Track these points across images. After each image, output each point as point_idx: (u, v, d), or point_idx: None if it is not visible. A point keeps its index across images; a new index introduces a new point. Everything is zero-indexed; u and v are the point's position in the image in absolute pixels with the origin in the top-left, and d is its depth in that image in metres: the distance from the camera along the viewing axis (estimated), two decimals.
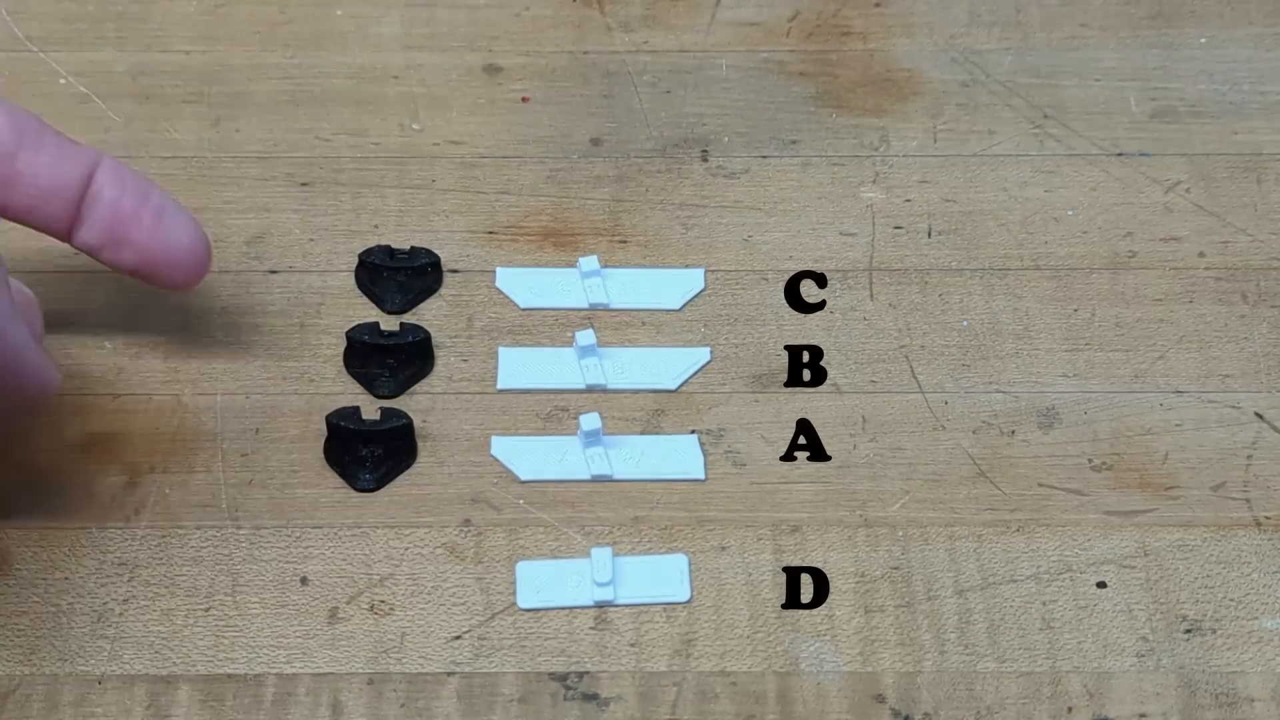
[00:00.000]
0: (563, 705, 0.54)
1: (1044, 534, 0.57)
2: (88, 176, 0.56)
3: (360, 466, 0.58)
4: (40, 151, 0.55)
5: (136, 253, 0.57)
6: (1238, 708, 0.54)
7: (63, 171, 0.55)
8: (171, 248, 0.57)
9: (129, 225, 0.56)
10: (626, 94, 0.69)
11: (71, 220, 0.56)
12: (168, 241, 0.57)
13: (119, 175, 0.56)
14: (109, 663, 0.54)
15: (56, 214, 0.56)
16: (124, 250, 0.57)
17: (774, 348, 0.62)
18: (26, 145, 0.55)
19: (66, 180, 0.55)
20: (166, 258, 0.57)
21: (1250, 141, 0.67)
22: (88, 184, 0.56)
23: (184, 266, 0.58)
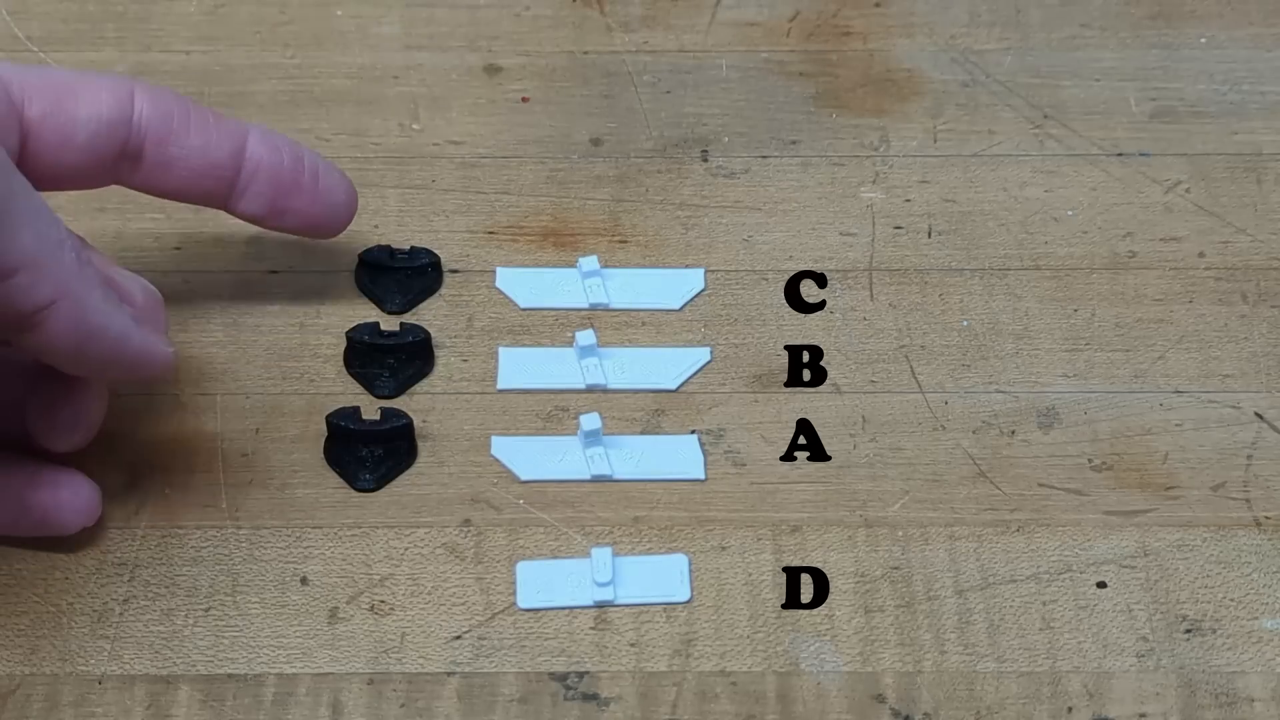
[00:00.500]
0: (563, 705, 0.54)
1: (1044, 534, 0.57)
2: (239, 152, 0.57)
3: (360, 466, 0.58)
4: (189, 133, 0.56)
5: (298, 218, 0.59)
6: (1238, 708, 0.54)
7: (214, 151, 0.57)
8: (332, 207, 0.59)
9: (289, 194, 0.58)
10: (626, 94, 0.69)
11: (229, 194, 0.58)
12: (327, 203, 0.59)
13: (271, 145, 0.58)
14: (109, 663, 0.54)
15: (214, 190, 0.58)
16: (286, 217, 0.59)
17: (774, 348, 0.62)
18: (176, 129, 0.56)
19: (219, 159, 0.57)
20: (328, 217, 0.60)
21: (1250, 141, 0.67)
22: (240, 159, 0.57)
23: (341, 221, 0.60)
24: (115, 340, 0.52)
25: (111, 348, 0.52)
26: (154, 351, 0.53)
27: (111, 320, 0.52)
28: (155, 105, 0.56)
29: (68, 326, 0.50)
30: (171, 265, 0.63)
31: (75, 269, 0.51)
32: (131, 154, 0.56)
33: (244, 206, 0.58)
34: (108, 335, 0.52)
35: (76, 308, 0.50)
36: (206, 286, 0.63)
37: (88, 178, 0.56)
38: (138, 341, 0.53)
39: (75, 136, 0.55)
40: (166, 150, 0.56)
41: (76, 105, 0.55)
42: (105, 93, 0.55)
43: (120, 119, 0.55)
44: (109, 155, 0.55)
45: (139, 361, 0.53)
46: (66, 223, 0.64)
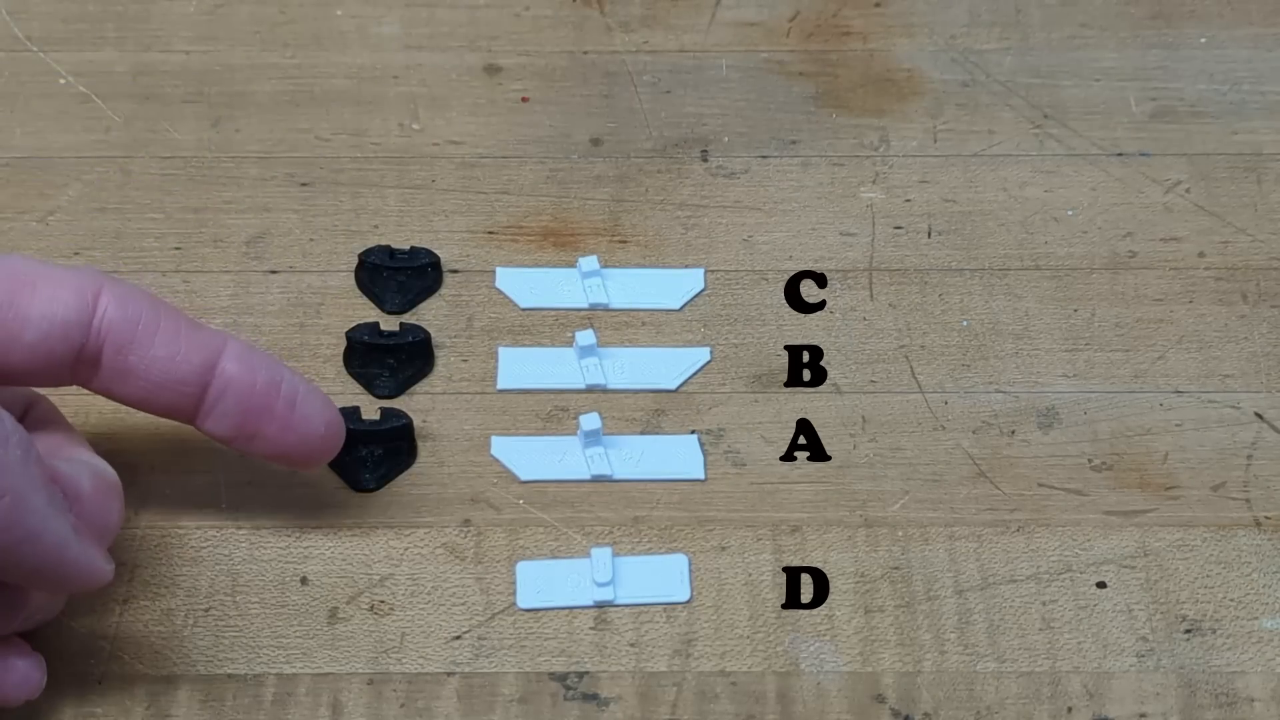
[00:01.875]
0: (563, 705, 0.54)
1: (1044, 534, 0.57)
2: (209, 367, 0.53)
3: (360, 466, 0.58)
4: (153, 343, 0.52)
5: (269, 444, 0.54)
6: (1238, 708, 0.54)
7: (180, 364, 0.53)
8: (306, 438, 0.55)
9: (260, 418, 0.54)
10: (626, 94, 0.69)
11: (194, 411, 0.54)
12: (302, 432, 0.54)
13: (247, 365, 0.53)
14: (109, 663, 0.54)
15: (176, 405, 0.54)
16: (255, 442, 0.54)
17: (774, 348, 0.62)
18: (140, 336, 0.52)
19: (184, 373, 0.53)
20: (301, 448, 0.55)
21: (1250, 141, 0.67)
22: (209, 375, 0.53)
23: (319, 454, 0.55)
24: (50, 548, 0.49)
25: (44, 555, 0.49)
26: (90, 567, 0.50)
27: (50, 525, 0.49)
28: (121, 309, 0.52)
29: (4, 526, 0.47)
30: (171, 265, 0.63)
31: (19, 468, 0.48)
32: (88, 359, 0.52)
33: (209, 426, 0.54)
34: (43, 541, 0.48)
35: (16, 510, 0.47)
36: (206, 286, 0.63)
37: (36, 378, 0.52)
38: (74, 553, 0.49)
39: (23, 336, 0.51)
40: (126, 359, 0.52)
41: (31, 302, 0.51)
42: (67, 290, 0.51)
43: (78, 321, 0.51)
44: (62, 357, 0.52)
45: (72, 574, 0.50)
46: (66, 222, 0.64)
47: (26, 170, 0.66)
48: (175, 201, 0.65)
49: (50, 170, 0.66)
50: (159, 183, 0.65)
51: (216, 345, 0.53)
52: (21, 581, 0.50)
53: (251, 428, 0.54)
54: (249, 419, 0.54)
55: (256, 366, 0.54)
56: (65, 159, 0.66)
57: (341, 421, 0.56)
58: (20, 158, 0.66)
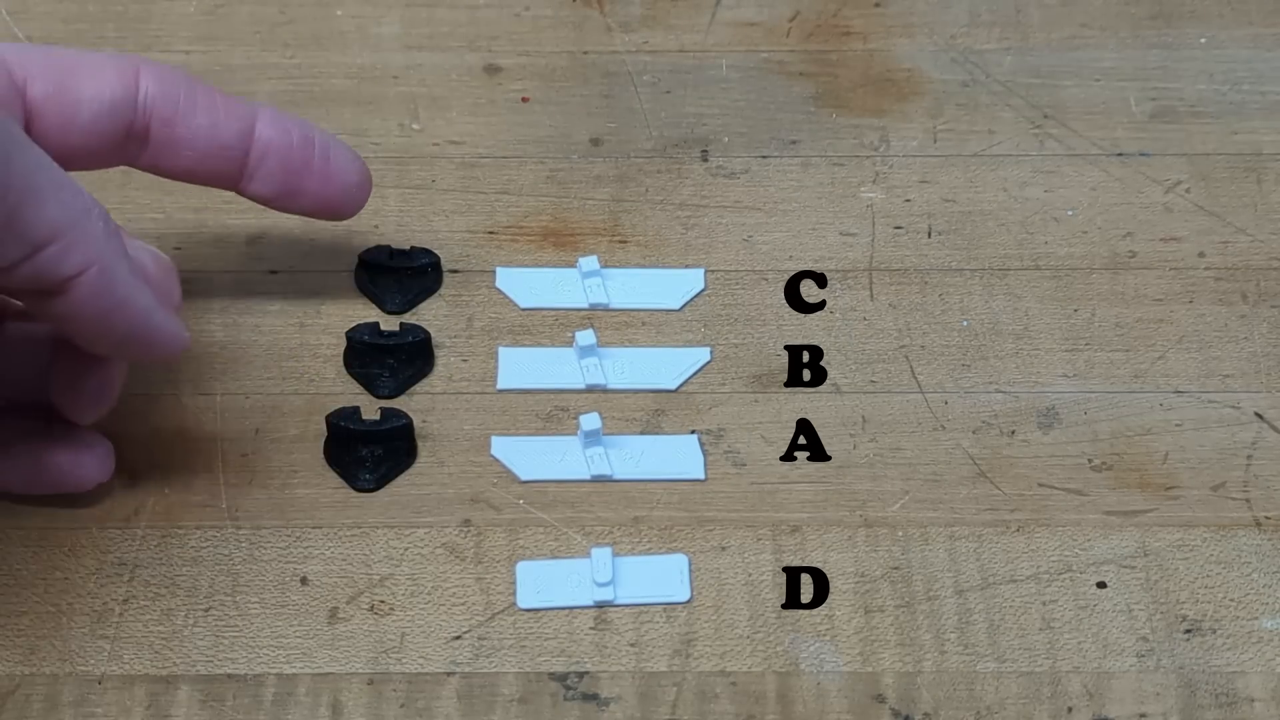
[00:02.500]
0: (563, 705, 0.54)
1: (1044, 534, 0.57)
2: (248, 133, 0.57)
3: (360, 466, 0.58)
4: (195, 114, 0.56)
5: (310, 199, 0.58)
6: (1238, 708, 0.54)
7: (222, 131, 0.56)
8: (345, 188, 0.58)
9: (300, 175, 0.58)
10: (626, 94, 0.69)
11: (238, 175, 0.57)
12: (339, 184, 0.58)
13: (281, 126, 0.57)
14: (109, 663, 0.54)
15: (221, 171, 0.57)
16: (298, 198, 0.58)
17: (774, 348, 0.62)
18: (183, 109, 0.56)
19: (227, 139, 0.56)
20: (341, 198, 0.59)
21: (1250, 141, 0.67)
22: (249, 140, 0.57)
23: (355, 201, 0.59)
24: (139, 314, 0.52)
25: (134, 321, 0.52)
26: (173, 331, 0.53)
27: (137, 293, 0.52)
28: (161, 85, 0.55)
29: (95, 296, 0.50)
30: None
31: (104, 238, 0.50)
32: (138, 134, 0.55)
33: (255, 188, 0.58)
34: (132, 308, 0.52)
35: (105, 277, 0.50)
36: (206, 286, 0.63)
37: (94, 158, 0.55)
38: (159, 319, 0.53)
39: (79, 117, 0.54)
40: (173, 131, 0.56)
41: (80, 85, 0.54)
42: (110, 72, 0.55)
43: (125, 99, 0.55)
44: (114, 136, 0.55)
45: (157, 339, 0.53)
46: None
47: None
48: (175, 201, 0.65)
49: None
50: (159, 183, 0.65)
51: (251, 112, 0.57)
52: (110, 351, 0.53)
53: (294, 184, 0.58)
54: (291, 177, 0.58)
55: (290, 127, 0.57)
56: None
57: (368, 169, 0.59)
58: None
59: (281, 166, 0.57)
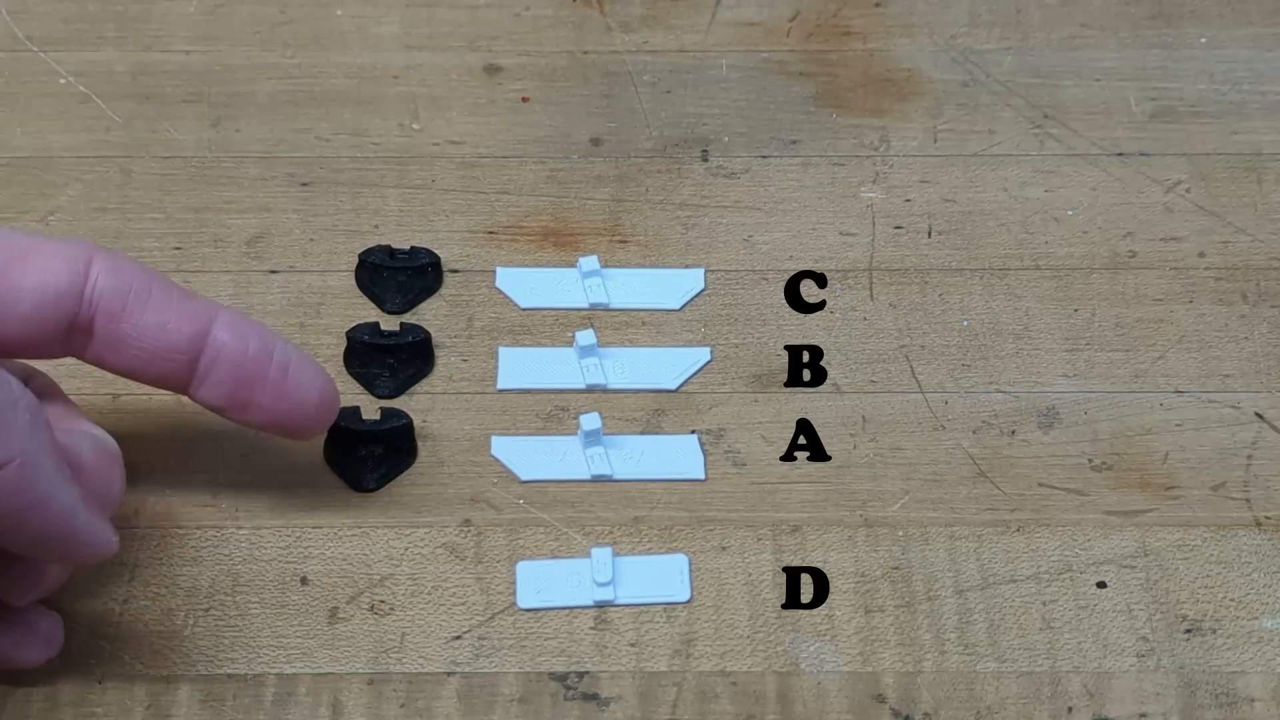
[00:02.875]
0: (563, 705, 0.54)
1: (1044, 534, 0.57)
2: (201, 336, 0.53)
3: (360, 466, 0.58)
4: (145, 311, 0.53)
5: (263, 414, 0.55)
6: (1238, 708, 0.54)
7: (172, 332, 0.53)
8: (301, 407, 0.55)
9: (254, 387, 0.54)
10: (626, 94, 0.69)
11: (187, 380, 0.54)
12: (296, 401, 0.54)
13: (239, 333, 0.54)
14: (109, 663, 0.54)
15: (169, 374, 0.54)
16: (249, 411, 0.54)
17: (774, 348, 0.62)
18: (132, 305, 0.52)
19: (176, 341, 0.53)
20: (296, 417, 0.55)
21: (1250, 141, 0.67)
22: (201, 344, 0.53)
23: (313, 423, 0.55)
24: (58, 514, 0.49)
25: (52, 522, 0.49)
26: (96, 535, 0.50)
27: (58, 492, 0.49)
28: (113, 278, 0.52)
29: (12, 492, 0.47)
30: (171, 265, 0.63)
31: (29, 432, 0.48)
32: (81, 328, 0.52)
33: (203, 394, 0.54)
34: (52, 508, 0.48)
35: (24, 473, 0.48)
36: (206, 286, 0.63)
37: (32, 348, 0.53)
38: (80, 521, 0.49)
39: (19, 306, 0.51)
40: (119, 327, 0.52)
41: (24, 273, 0.51)
42: (59, 260, 0.52)
43: (70, 291, 0.52)
44: (55, 327, 0.52)
45: (79, 544, 0.50)
46: (66, 222, 0.64)
47: (27, 170, 0.66)
48: (175, 201, 0.65)
49: (50, 170, 0.66)
50: (159, 183, 0.65)
51: (208, 314, 0.53)
52: (27, 551, 0.50)
53: (245, 396, 0.54)
54: (242, 387, 0.54)
55: (249, 334, 0.54)
56: (65, 159, 0.66)
57: (335, 390, 0.56)
58: (20, 158, 0.66)
59: (232, 375, 0.54)
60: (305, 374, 0.55)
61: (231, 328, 0.54)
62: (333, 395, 0.55)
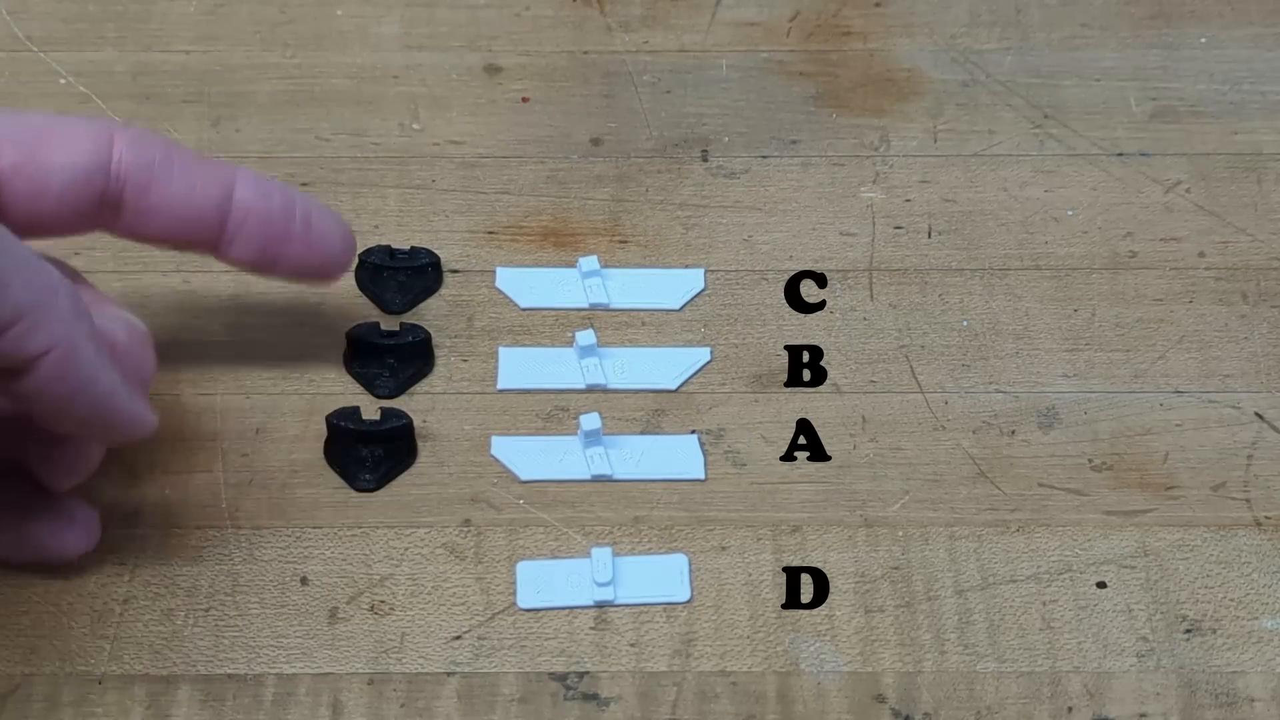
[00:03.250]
0: (563, 705, 0.54)
1: (1044, 534, 0.57)
2: (226, 198, 0.55)
3: (360, 466, 0.58)
4: (171, 180, 0.54)
5: (291, 265, 0.57)
6: (1238, 708, 0.54)
7: (199, 197, 0.54)
8: (326, 254, 0.57)
9: (280, 242, 0.56)
10: (626, 94, 0.69)
11: (217, 241, 0.55)
12: (320, 250, 0.57)
13: (261, 190, 0.55)
14: (109, 663, 0.54)
15: (201, 238, 0.55)
16: (278, 265, 0.56)
17: (774, 348, 0.62)
18: (158, 175, 0.54)
19: (204, 205, 0.55)
20: (321, 264, 0.57)
21: (1250, 141, 0.67)
22: (228, 205, 0.55)
23: (336, 268, 0.58)
24: (102, 396, 0.50)
25: (97, 404, 0.50)
26: (137, 414, 0.52)
27: (101, 375, 0.50)
28: (136, 151, 0.53)
29: (58, 378, 0.49)
30: (171, 265, 0.63)
31: (70, 318, 0.49)
32: (111, 202, 0.54)
33: (234, 254, 0.56)
34: (95, 390, 0.50)
35: (69, 359, 0.49)
36: (206, 286, 0.63)
37: (66, 226, 0.54)
38: (123, 401, 0.51)
39: (49, 185, 0.53)
40: (148, 198, 0.54)
41: (51, 153, 0.53)
42: (83, 139, 0.53)
43: (98, 166, 0.53)
44: (87, 204, 0.53)
45: (120, 422, 0.51)
46: None
47: None
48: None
49: None
50: None
51: (230, 175, 0.55)
52: (72, 431, 0.52)
53: (275, 251, 0.56)
54: (271, 243, 0.56)
55: (271, 191, 0.56)
56: None
57: (353, 234, 0.58)
58: None
59: (261, 232, 0.55)
60: (326, 222, 0.57)
61: (254, 187, 0.55)
62: (352, 239, 0.58)
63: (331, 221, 0.57)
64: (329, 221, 0.57)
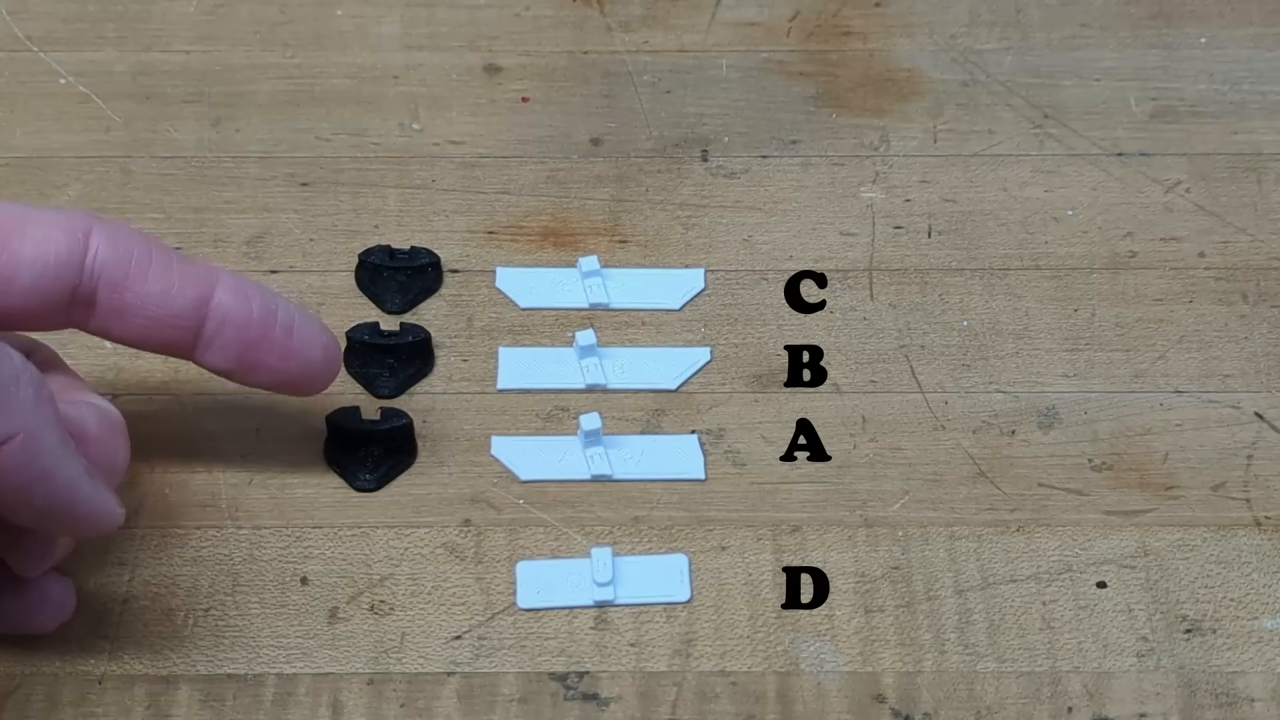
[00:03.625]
0: (563, 705, 0.54)
1: (1044, 534, 0.57)
2: (204, 301, 0.53)
3: (360, 466, 0.58)
4: (147, 279, 0.52)
5: (270, 374, 0.55)
6: (1238, 708, 0.54)
7: (175, 299, 0.53)
8: (307, 364, 0.55)
9: (260, 349, 0.54)
10: (626, 94, 0.69)
11: (193, 346, 0.54)
12: (302, 359, 0.55)
13: (241, 294, 0.54)
14: (109, 663, 0.54)
15: (176, 341, 0.54)
16: (257, 373, 0.55)
17: (774, 348, 0.62)
18: (134, 274, 0.52)
19: (180, 308, 0.53)
20: (302, 374, 0.55)
21: (1250, 141, 0.67)
22: (205, 309, 0.53)
23: (319, 380, 0.56)
24: (61, 488, 0.49)
25: (56, 495, 0.49)
26: (99, 508, 0.50)
27: (63, 466, 0.49)
28: (113, 247, 0.52)
29: (16, 466, 0.47)
30: None
31: (32, 406, 0.48)
32: (83, 299, 0.52)
33: (209, 359, 0.54)
34: (55, 482, 0.48)
35: (29, 446, 0.47)
36: None
37: (34, 320, 0.52)
38: (85, 493, 0.49)
39: (18, 278, 0.51)
40: (122, 297, 0.52)
41: (23, 244, 0.51)
42: (58, 231, 0.51)
43: (71, 261, 0.51)
44: (57, 299, 0.52)
45: (82, 515, 0.50)
46: None
47: (27, 170, 0.66)
48: (175, 201, 0.65)
49: (50, 170, 0.66)
50: (159, 183, 0.65)
51: (210, 278, 0.53)
52: (33, 524, 0.50)
53: (252, 359, 0.54)
54: (249, 350, 0.54)
55: (251, 297, 0.54)
56: (65, 159, 0.66)
57: (338, 344, 0.56)
58: (20, 158, 0.66)
59: (238, 339, 0.54)
60: (308, 332, 0.55)
61: (234, 291, 0.54)
62: (336, 351, 0.56)
63: (314, 330, 0.55)
64: (312, 330, 0.55)
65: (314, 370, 0.55)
